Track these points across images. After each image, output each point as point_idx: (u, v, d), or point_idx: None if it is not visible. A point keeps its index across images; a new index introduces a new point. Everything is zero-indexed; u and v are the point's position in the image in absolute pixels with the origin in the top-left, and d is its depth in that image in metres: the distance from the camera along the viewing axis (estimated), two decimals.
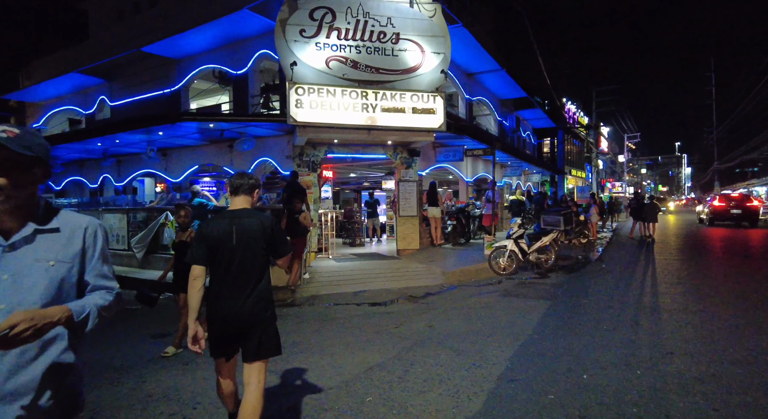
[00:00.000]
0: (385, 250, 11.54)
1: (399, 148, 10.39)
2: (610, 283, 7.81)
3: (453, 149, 11.49)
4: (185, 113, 8.64)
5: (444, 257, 9.91)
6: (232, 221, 2.53)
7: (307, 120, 8.46)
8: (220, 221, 2.54)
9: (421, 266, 9.13)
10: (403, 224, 10.51)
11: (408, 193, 10.50)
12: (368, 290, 7.76)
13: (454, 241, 11.67)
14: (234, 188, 2.63)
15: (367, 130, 8.94)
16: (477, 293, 7.29)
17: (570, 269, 9.45)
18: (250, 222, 2.53)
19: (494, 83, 15.63)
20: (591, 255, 11.52)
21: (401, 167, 10.47)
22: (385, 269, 8.93)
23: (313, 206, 9.93)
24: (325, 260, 9.95)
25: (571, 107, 30.88)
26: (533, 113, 20.39)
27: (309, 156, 9.93)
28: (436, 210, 10.99)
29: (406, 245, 10.53)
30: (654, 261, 10.27)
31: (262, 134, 10.18)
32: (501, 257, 8.90)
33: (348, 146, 10.10)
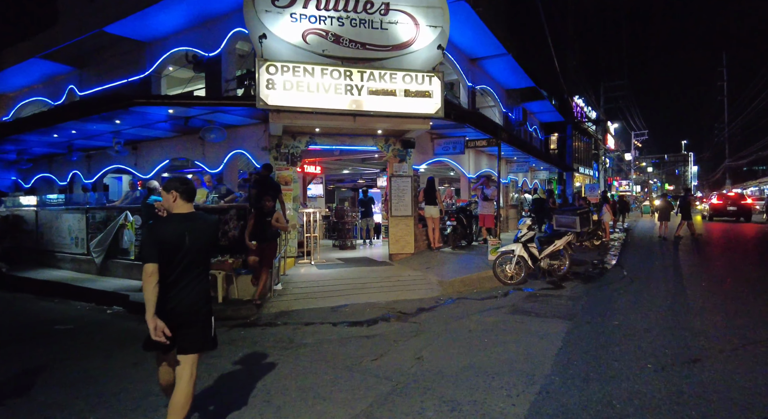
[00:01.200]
0: (377, 254, 10.31)
1: (391, 139, 9.14)
2: (640, 296, 6.53)
3: (453, 140, 10.23)
4: (138, 97, 7.45)
5: (442, 263, 8.67)
6: (185, 223, 2.67)
7: (281, 104, 7.23)
8: (173, 223, 2.69)
9: (416, 274, 7.89)
10: (396, 226, 9.27)
11: (401, 190, 9.26)
12: (351, 304, 6.53)
13: (453, 244, 10.42)
14: (189, 194, 2.77)
15: (353, 116, 7.70)
16: (479, 310, 6.03)
17: (586, 277, 8.18)
18: (201, 225, 2.73)
19: (499, 71, 14.34)
20: (607, 259, 10.23)
21: (394, 160, 9.22)
22: (373, 278, 7.70)
23: (292, 204, 8.72)
24: (306, 266, 8.73)
25: (578, 102, 29.52)
26: (541, 105, 19.06)
27: (287, 148, 8.70)
28: (434, 209, 9.75)
29: (399, 249, 9.28)
30: (680, 265, 8.99)
31: (234, 122, 8.96)
32: (508, 264, 7.65)
33: (332, 137, 8.87)
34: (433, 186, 9.95)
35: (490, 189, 10.96)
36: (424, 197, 9.84)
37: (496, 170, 14.52)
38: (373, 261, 9.34)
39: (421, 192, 9.98)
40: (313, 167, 11.89)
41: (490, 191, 10.94)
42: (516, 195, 17.54)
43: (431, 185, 9.89)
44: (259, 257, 6.34)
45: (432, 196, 9.78)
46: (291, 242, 8.68)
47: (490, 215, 10.86)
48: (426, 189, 9.86)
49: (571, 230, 8.38)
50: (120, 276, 8.64)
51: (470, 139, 9.17)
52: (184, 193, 2.73)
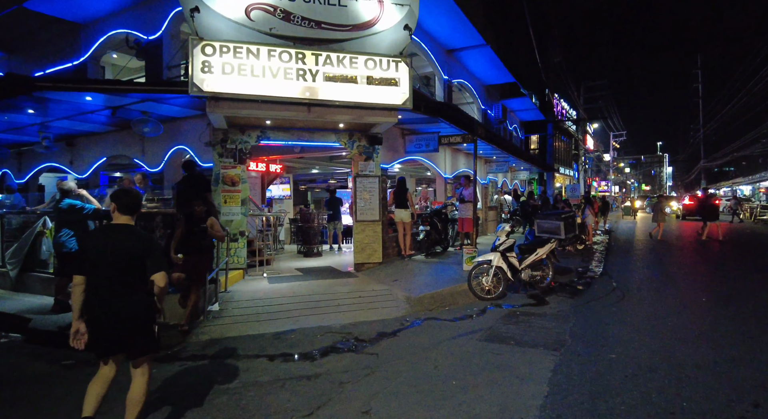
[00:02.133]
0: (343, 263, 9.26)
1: (356, 134, 8.12)
2: (636, 317, 5.68)
3: (426, 137, 9.28)
4: (40, 80, 6.25)
5: (412, 274, 7.69)
6: (111, 236, 2.72)
7: (219, 90, 6.13)
8: (99, 236, 2.81)
9: (381, 289, 6.89)
10: (361, 232, 8.25)
11: (368, 191, 8.24)
12: (299, 328, 5.48)
13: (427, 251, 9.47)
14: (124, 207, 2.78)
15: (306, 106, 6.65)
16: (450, 335, 5.07)
17: (572, 289, 7.33)
18: (127, 238, 2.72)
19: (478, 64, 13.47)
20: (593, 267, 9.45)
21: (359, 158, 8.20)
22: (331, 294, 6.66)
23: (241, 209, 7.61)
24: (257, 279, 7.63)
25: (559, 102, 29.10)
26: (521, 102, 18.33)
27: (235, 143, 7.59)
28: (404, 213, 8.77)
29: (365, 258, 8.27)
30: (671, 273, 8.24)
31: (174, 113, 7.81)
32: (484, 276, 6.73)
33: (288, 131, 7.79)
34: (404, 187, 8.97)
35: (468, 190, 10.06)
36: (393, 200, 8.87)
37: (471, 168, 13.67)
38: (336, 272, 8.30)
39: (391, 194, 9.00)
40: (274, 166, 10.76)
41: (468, 192, 10.04)
42: (496, 196, 16.76)
43: (401, 185, 8.92)
44: (188, 272, 5.24)
45: (402, 198, 8.80)
46: (239, 251, 7.57)
47: (468, 218, 9.95)
48: (396, 191, 8.89)
49: (555, 237, 7.52)
50: (37, 293, 7.36)
51: (444, 135, 8.24)
52: (121, 206, 2.78)
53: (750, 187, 48.57)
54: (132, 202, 2.81)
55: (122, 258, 2.65)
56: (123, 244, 2.68)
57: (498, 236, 7.04)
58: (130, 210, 2.81)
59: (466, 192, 10.01)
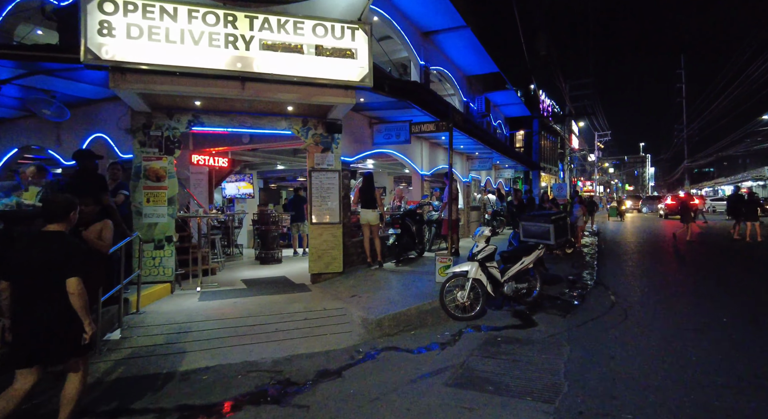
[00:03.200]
0: (303, 271, 7.94)
1: (311, 120, 6.85)
2: (648, 344, 4.55)
3: (397, 126, 8.07)
4: None
5: (376, 288, 6.46)
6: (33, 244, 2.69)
7: (124, 58, 4.81)
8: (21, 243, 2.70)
9: (334, 308, 5.64)
10: (318, 236, 6.99)
11: (326, 189, 6.99)
12: (218, 365, 4.21)
13: (398, 258, 8.25)
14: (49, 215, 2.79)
15: (240, 81, 5.36)
16: (409, 377, 3.84)
17: (564, 304, 6.20)
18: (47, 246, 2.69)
19: (458, 50, 12.32)
20: (585, 274, 8.37)
21: (315, 149, 6.94)
22: (271, 316, 5.39)
23: (168, 209, 6.28)
24: (187, 295, 6.31)
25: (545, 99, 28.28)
26: (506, 96, 17.27)
27: (161, 129, 6.26)
28: (371, 214, 7.54)
29: (323, 268, 7.01)
30: (675, 282, 7.17)
31: (88, 94, 6.46)
32: (459, 290, 5.55)
33: (226, 115, 6.48)
34: (372, 184, 7.74)
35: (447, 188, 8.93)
36: (360, 198, 7.64)
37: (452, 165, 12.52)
38: (288, 285, 7.03)
39: (357, 192, 7.76)
40: (224, 159, 9.42)
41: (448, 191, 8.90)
42: (479, 196, 15.67)
43: (369, 182, 7.69)
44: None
45: (370, 196, 7.57)
46: (165, 261, 6.24)
47: (445, 220, 8.82)
48: (362, 188, 7.65)
49: (543, 243, 6.38)
50: None
51: (415, 122, 7.04)
52: (45, 214, 2.82)
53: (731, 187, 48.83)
54: (54, 209, 2.80)
55: (42, 266, 2.65)
56: (44, 252, 2.66)
57: (476, 241, 5.86)
58: (56, 217, 2.80)
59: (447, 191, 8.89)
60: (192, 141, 8.72)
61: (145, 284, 6.07)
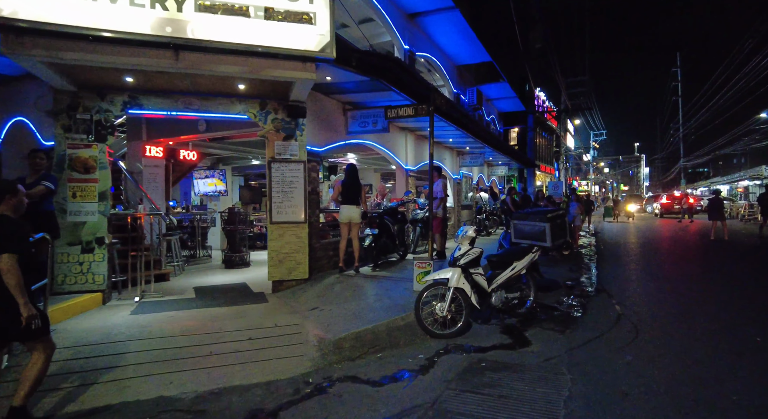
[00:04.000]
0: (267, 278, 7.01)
1: (270, 102, 5.92)
2: (670, 373, 3.65)
3: (373, 113, 7.15)
4: None
5: (344, 298, 5.54)
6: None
7: (18, 15, 3.86)
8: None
9: (289, 323, 4.72)
10: (279, 237, 6.05)
11: (288, 183, 6.05)
12: (121, 403, 3.27)
13: (376, 261, 7.33)
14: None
15: (172, 50, 4.43)
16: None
17: (563, 316, 5.31)
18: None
19: (447, 36, 11.43)
20: (585, 280, 7.51)
21: (275, 136, 6.00)
22: (211, 333, 4.46)
23: (99, 205, 5.33)
24: (120, 307, 5.36)
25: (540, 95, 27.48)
26: (499, 89, 16.40)
27: (89, 112, 5.30)
28: (355, 211, 6.59)
29: (284, 274, 6.08)
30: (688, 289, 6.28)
31: (4, 70, 5.48)
32: (438, 302, 4.65)
33: (168, 96, 5.53)
34: (356, 177, 6.78)
35: (436, 184, 8.06)
36: (342, 193, 6.65)
37: (439, 159, 11.62)
38: (244, 294, 6.10)
39: (337, 187, 6.77)
40: (186, 152, 8.47)
41: (436, 186, 8.03)
42: (470, 194, 14.79)
43: (353, 174, 6.71)
44: None
45: (355, 191, 6.61)
46: (94, 266, 5.29)
47: (436, 218, 7.92)
48: (346, 182, 6.64)
49: (538, 245, 5.49)
50: None
51: (391, 106, 6.12)
52: None
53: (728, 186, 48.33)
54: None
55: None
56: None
57: (458, 243, 4.95)
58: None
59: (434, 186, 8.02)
60: (145, 130, 7.76)
61: (69, 294, 5.13)
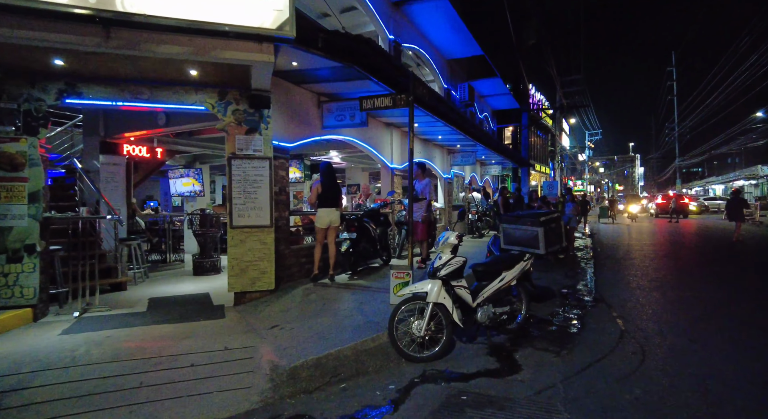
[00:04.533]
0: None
1: (230, 92, 5.26)
2: (689, 410, 3.04)
3: (351, 105, 6.51)
4: None
5: (311, 313, 4.89)
6: None
7: None
8: None
9: (242, 345, 4.07)
10: (240, 243, 5.39)
11: (252, 182, 5.40)
12: None
13: (354, 269, 6.70)
14: None
15: (101, 25, 3.77)
16: None
17: (557, 332, 4.70)
18: None
19: (436, 26, 10.81)
20: (582, 287, 6.92)
21: (237, 130, 5.35)
22: (148, 358, 3.80)
23: (29, 207, 4.66)
24: (55, 323, 4.69)
25: (535, 94, 26.94)
26: (492, 85, 15.82)
27: (17, 100, 4.63)
28: (335, 214, 5.97)
29: (247, 285, 5.43)
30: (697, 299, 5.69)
31: None
32: (415, 319, 4.02)
33: (111, 84, 4.86)
34: (333, 175, 6.16)
35: (421, 183, 7.44)
36: (319, 196, 6.00)
37: (428, 157, 11.00)
38: (203, 307, 5.45)
39: (315, 189, 6.10)
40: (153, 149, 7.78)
41: (422, 186, 7.41)
42: (462, 194, 14.19)
43: (330, 173, 6.08)
44: None
45: (334, 191, 5.98)
46: (23, 278, 4.61)
47: (420, 224, 7.29)
48: (325, 182, 6.00)
49: (531, 252, 4.88)
50: None
51: (367, 97, 5.47)
52: None
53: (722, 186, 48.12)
54: None
55: None
56: None
57: (439, 251, 4.32)
58: None
59: (419, 185, 7.39)
60: (103, 125, 7.09)
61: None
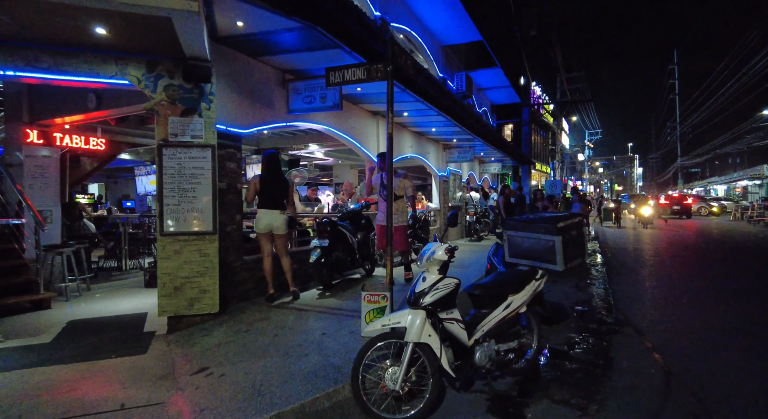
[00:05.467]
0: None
1: (163, 63, 4.12)
2: None
3: (321, 84, 5.38)
4: None
5: (256, 350, 3.75)
6: None
7: None
8: None
9: (149, 402, 2.92)
10: (176, 255, 4.24)
11: (189, 176, 4.26)
12: None
13: (327, 282, 5.56)
14: None
15: None
16: None
17: (579, 373, 3.57)
18: None
19: (430, 6, 9.70)
20: (599, 303, 5.80)
21: (170, 110, 4.20)
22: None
23: None
24: None
25: (536, 89, 25.86)
26: (492, 76, 14.70)
27: None
28: (277, 218, 4.83)
29: (182, 307, 4.27)
30: (746, 312, 4.59)
31: None
32: (391, 364, 2.89)
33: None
34: (278, 168, 5.03)
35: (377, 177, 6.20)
36: (258, 193, 4.89)
37: (422, 153, 9.87)
38: (130, 333, 4.30)
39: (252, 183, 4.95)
40: (92, 141, 6.63)
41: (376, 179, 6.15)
42: (459, 194, 13.07)
43: (273, 165, 4.97)
44: None
45: (276, 189, 4.87)
46: None
47: (400, 226, 6.04)
48: (265, 177, 4.90)
49: (545, 268, 3.75)
50: None
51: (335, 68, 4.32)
52: None
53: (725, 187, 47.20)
54: None
55: None
56: None
57: (423, 270, 3.18)
58: None
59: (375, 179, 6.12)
60: (27, 108, 5.94)
61: None
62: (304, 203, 8.43)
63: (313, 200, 9.00)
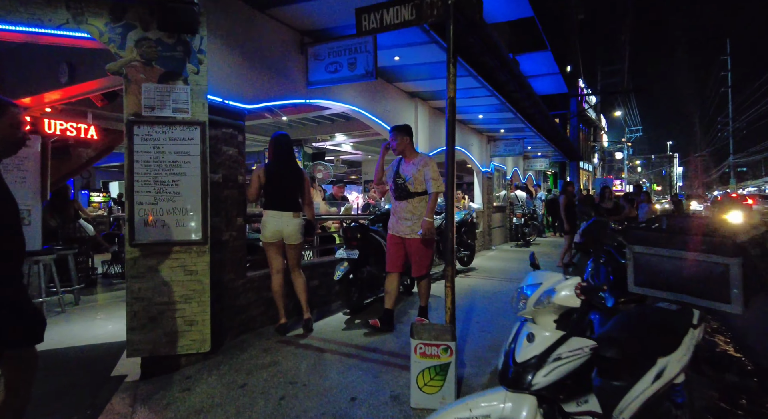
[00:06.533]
0: None
1: (134, 8, 2.97)
2: None
3: (350, 46, 4.11)
4: None
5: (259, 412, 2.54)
6: None
7: None
8: None
9: None
10: (150, 273, 3.09)
11: (171, 164, 3.10)
12: None
13: (356, 306, 4.31)
14: None
15: None
16: None
17: None
18: None
19: None
20: (730, 339, 4.29)
21: (144, 72, 3.05)
22: None
23: None
24: None
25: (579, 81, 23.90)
26: (540, 61, 13.05)
27: None
28: (290, 222, 3.63)
29: (161, 344, 3.11)
30: None
31: None
32: None
33: None
34: (291, 155, 3.83)
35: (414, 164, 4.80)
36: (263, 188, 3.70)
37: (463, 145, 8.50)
38: (94, 378, 3.18)
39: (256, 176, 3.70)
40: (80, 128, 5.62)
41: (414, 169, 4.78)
42: (503, 192, 11.61)
43: (285, 153, 3.77)
44: None
45: (287, 186, 3.68)
46: None
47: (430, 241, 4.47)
48: (271, 166, 3.70)
49: (706, 308, 2.34)
50: None
51: (370, 7, 3.07)
52: None
53: None
54: None
55: None
56: None
57: (523, 318, 1.83)
58: None
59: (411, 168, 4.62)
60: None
61: None
62: (329, 203, 7.23)
63: (339, 199, 7.79)
